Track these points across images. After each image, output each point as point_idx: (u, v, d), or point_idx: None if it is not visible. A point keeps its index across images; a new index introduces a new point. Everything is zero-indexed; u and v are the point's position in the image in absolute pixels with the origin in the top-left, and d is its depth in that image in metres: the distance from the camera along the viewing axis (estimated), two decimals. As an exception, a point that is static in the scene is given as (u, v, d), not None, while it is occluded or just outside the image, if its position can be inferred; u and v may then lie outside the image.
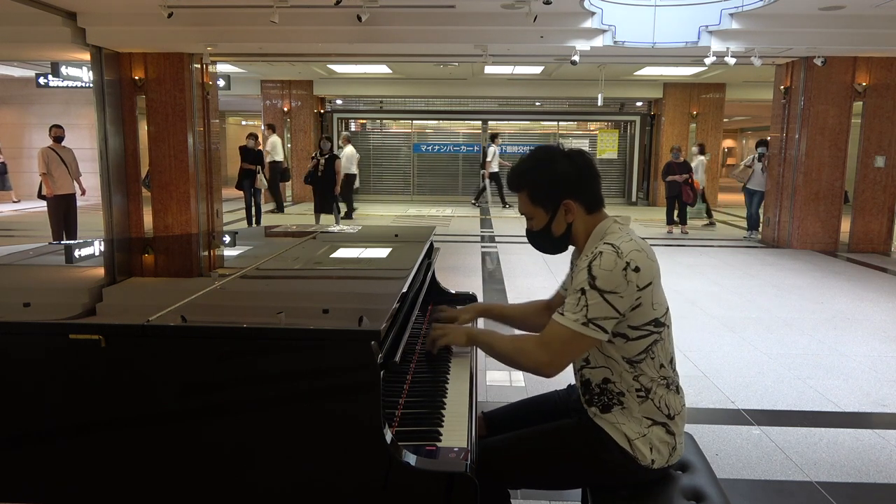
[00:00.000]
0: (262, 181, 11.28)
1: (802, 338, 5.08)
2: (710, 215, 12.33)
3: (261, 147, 11.97)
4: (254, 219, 11.47)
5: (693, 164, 11.67)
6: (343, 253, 2.69)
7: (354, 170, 12.75)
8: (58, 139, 8.40)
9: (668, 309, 1.75)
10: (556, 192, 1.78)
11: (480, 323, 2.41)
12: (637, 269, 1.63)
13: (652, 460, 1.70)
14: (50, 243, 3.52)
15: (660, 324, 1.71)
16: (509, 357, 1.76)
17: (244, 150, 11.33)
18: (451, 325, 2.05)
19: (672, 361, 1.78)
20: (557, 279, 2.11)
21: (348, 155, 12.53)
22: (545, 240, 1.86)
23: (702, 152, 11.96)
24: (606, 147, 16.31)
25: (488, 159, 14.12)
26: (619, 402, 1.73)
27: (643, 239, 1.75)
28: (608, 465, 1.72)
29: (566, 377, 1.91)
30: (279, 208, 12.61)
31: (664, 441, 1.72)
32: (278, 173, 12.84)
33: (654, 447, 1.71)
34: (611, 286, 1.62)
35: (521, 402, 2.13)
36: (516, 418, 2.00)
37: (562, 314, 1.67)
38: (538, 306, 2.17)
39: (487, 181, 14.55)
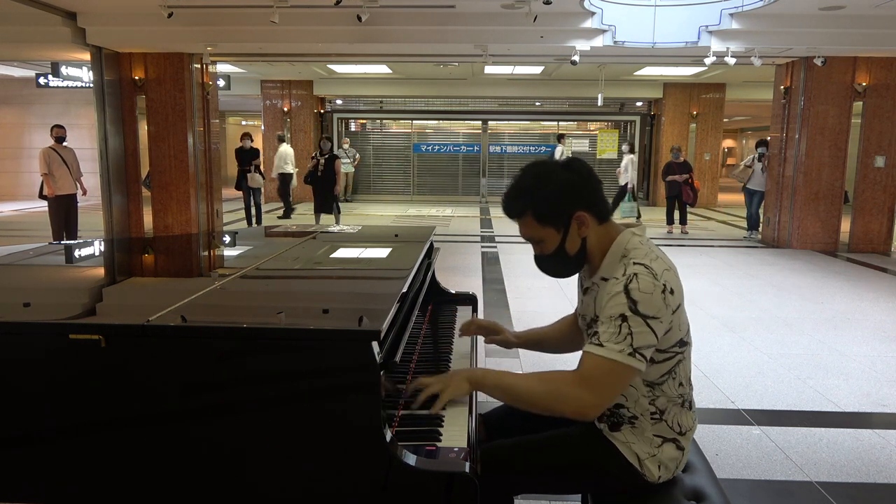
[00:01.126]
0: (256, 179, 11.25)
1: (802, 338, 5.08)
2: (639, 216, 11.85)
3: (255, 146, 11.94)
4: (254, 219, 11.46)
5: (623, 163, 11.78)
6: (343, 253, 2.69)
7: (290, 169, 12.65)
8: (59, 139, 8.41)
9: (689, 327, 1.70)
10: (566, 206, 1.63)
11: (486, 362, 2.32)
12: (672, 292, 1.56)
13: (659, 476, 1.68)
14: (50, 243, 3.51)
15: (684, 343, 1.66)
16: (541, 403, 1.55)
17: (240, 152, 11.34)
18: (446, 375, 1.67)
19: (690, 378, 1.72)
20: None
21: (281, 154, 12.54)
22: (560, 262, 1.70)
23: (631, 151, 12.10)
24: (606, 147, 16.30)
25: (556, 157, 13.84)
26: (630, 423, 1.68)
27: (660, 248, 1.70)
28: (614, 474, 1.69)
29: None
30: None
31: (673, 458, 1.69)
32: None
33: (663, 464, 1.68)
34: (653, 311, 1.51)
35: None
36: (516, 419, 1.96)
37: (600, 345, 1.52)
38: (567, 322, 2.06)
39: None
